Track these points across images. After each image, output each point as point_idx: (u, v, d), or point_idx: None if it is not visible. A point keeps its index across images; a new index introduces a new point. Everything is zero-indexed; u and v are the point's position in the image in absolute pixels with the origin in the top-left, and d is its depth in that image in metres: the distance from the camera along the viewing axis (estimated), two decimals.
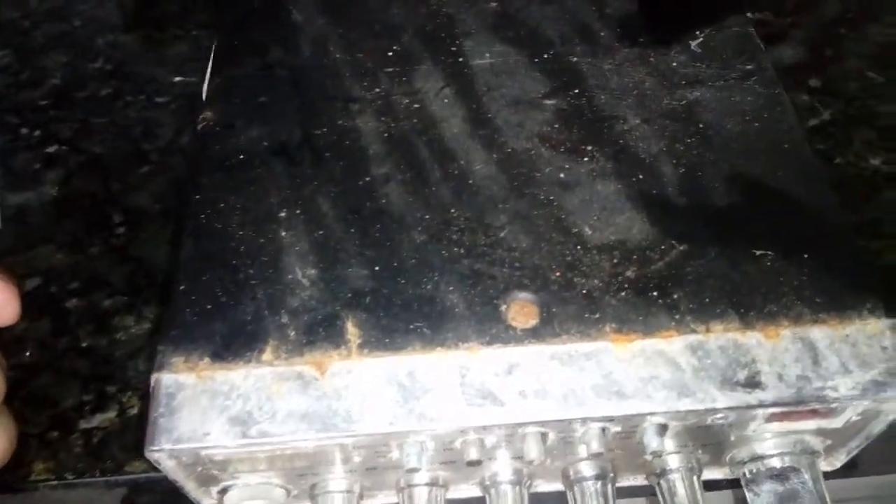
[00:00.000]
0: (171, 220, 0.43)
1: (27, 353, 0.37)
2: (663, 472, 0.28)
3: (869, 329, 0.26)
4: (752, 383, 0.25)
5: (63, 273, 0.41)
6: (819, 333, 0.26)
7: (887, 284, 0.30)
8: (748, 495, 0.27)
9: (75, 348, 0.38)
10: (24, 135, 0.49)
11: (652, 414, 0.25)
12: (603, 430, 0.25)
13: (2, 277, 0.27)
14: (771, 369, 0.25)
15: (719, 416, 0.25)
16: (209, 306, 0.27)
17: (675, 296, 0.27)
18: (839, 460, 0.29)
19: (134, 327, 0.38)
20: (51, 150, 0.48)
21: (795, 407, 0.25)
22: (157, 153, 0.47)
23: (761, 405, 0.25)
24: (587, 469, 0.28)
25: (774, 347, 0.26)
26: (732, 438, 0.27)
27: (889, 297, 0.26)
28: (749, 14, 0.55)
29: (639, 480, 0.30)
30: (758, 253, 0.28)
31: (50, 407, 0.35)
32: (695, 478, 0.28)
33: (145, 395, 0.36)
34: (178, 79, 0.52)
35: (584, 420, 0.25)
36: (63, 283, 0.40)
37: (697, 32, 0.36)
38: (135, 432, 0.34)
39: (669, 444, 0.27)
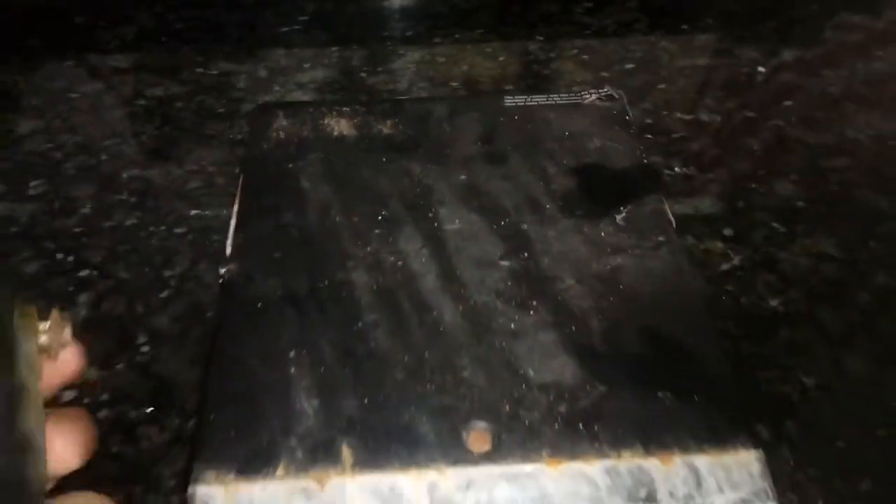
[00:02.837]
0: (188, 341, 0.51)
1: None
2: None
3: (740, 458, 0.34)
4: (651, 498, 0.33)
5: (94, 387, 0.48)
6: (702, 461, 0.34)
7: (762, 417, 0.38)
8: None
9: (106, 455, 0.44)
10: (59, 260, 0.57)
11: None
12: None
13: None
14: (665, 488, 0.33)
15: None
16: (233, 433, 0.35)
17: (596, 428, 0.35)
18: None
19: (156, 437, 0.45)
20: (83, 274, 0.56)
21: None
22: (176, 279, 0.55)
23: None
24: None
25: (668, 471, 0.34)
26: None
27: (757, 432, 0.35)
28: (677, 168, 0.65)
29: None
30: (660, 394, 0.36)
31: None
32: None
33: (168, 496, 0.43)
34: (194, 212, 0.61)
35: None
36: (95, 396, 0.47)
37: (622, 208, 0.45)
38: None
39: None
